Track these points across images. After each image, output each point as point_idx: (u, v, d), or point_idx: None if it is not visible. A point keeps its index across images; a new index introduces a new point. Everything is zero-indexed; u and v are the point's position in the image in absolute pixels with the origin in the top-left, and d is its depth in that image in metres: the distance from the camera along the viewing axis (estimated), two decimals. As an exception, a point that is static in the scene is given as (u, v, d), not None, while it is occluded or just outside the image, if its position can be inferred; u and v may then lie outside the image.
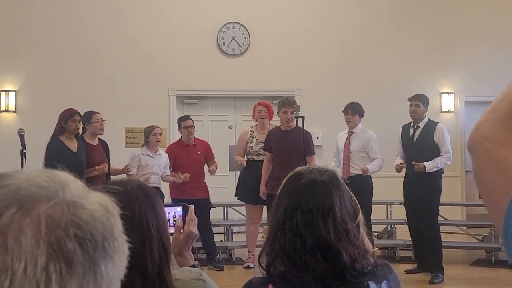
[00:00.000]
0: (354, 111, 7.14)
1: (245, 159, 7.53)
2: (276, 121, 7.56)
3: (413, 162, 6.72)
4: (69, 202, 0.68)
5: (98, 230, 0.67)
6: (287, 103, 7.01)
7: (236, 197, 7.76)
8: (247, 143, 7.50)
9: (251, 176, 7.29)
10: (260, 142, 7.38)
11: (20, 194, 0.66)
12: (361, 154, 7.07)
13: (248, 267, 7.32)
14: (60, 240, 0.64)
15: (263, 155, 7.30)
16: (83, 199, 0.69)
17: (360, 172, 6.89)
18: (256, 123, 7.61)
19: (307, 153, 6.91)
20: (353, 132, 7.16)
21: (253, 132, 7.55)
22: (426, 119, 6.98)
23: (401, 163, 6.99)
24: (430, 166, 6.72)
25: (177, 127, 7.94)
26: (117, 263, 0.70)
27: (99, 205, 0.70)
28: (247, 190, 7.40)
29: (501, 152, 0.79)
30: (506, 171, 0.78)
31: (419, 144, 6.89)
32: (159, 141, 7.35)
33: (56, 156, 6.20)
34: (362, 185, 6.54)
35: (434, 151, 6.82)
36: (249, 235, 7.48)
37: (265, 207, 7.20)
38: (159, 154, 7.34)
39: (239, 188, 7.65)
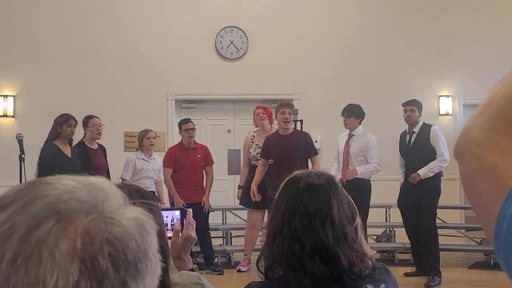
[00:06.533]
0: (348, 113, 7.14)
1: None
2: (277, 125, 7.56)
3: (409, 179, 6.80)
4: (107, 218, 0.66)
5: (132, 250, 0.66)
6: (285, 104, 7.06)
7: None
8: (249, 149, 7.51)
9: (251, 181, 7.28)
10: (259, 147, 7.36)
11: (59, 207, 0.65)
12: (360, 158, 7.06)
13: (239, 270, 7.32)
14: (94, 257, 0.63)
15: None
16: (120, 215, 0.67)
17: (359, 177, 6.89)
18: (257, 128, 7.61)
19: (310, 154, 6.91)
20: (353, 134, 7.15)
21: (254, 137, 7.55)
22: (420, 123, 7.00)
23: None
24: (424, 172, 6.75)
25: (177, 131, 7.96)
26: (148, 284, 0.68)
27: (136, 222, 0.68)
28: (247, 195, 7.39)
29: (490, 158, 0.78)
30: (496, 177, 0.77)
31: (415, 149, 6.90)
32: (153, 145, 7.38)
33: (51, 161, 6.19)
34: (360, 189, 6.55)
35: (431, 155, 6.83)
36: (246, 239, 7.48)
37: (266, 212, 7.21)
38: (154, 158, 7.38)
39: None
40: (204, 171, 7.57)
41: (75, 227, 0.64)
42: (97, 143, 6.97)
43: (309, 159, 6.93)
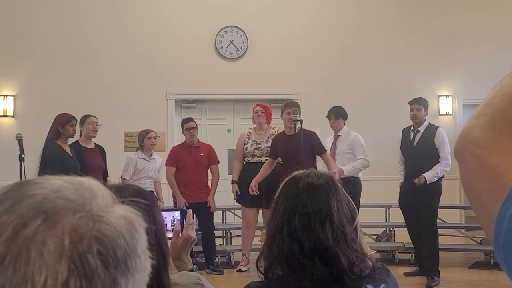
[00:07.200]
0: (336, 115, 7.25)
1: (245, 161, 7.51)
2: (278, 124, 7.54)
3: (414, 180, 6.74)
4: (95, 216, 0.66)
5: (121, 247, 0.66)
6: (290, 104, 7.05)
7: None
8: (244, 145, 7.47)
9: (246, 179, 7.18)
10: (256, 143, 7.35)
11: (46, 206, 0.65)
12: (349, 155, 7.16)
13: (240, 270, 7.32)
14: (83, 256, 0.63)
15: (258, 157, 7.28)
16: (108, 213, 0.68)
17: (347, 175, 6.91)
18: (255, 125, 7.59)
19: (318, 152, 6.88)
20: (339, 135, 7.26)
21: (250, 133, 7.52)
22: (426, 123, 6.99)
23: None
24: (430, 177, 6.73)
25: (177, 131, 7.97)
26: (138, 280, 0.68)
27: (124, 220, 0.68)
28: (241, 193, 7.36)
29: (491, 158, 0.79)
30: (496, 177, 0.77)
31: (419, 148, 6.89)
32: (154, 144, 7.38)
33: (57, 161, 6.18)
34: (349, 188, 6.52)
35: (434, 156, 6.82)
36: (243, 239, 7.47)
37: (260, 211, 7.22)
38: (154, 158, 7.39)
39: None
40: (209, 170, 7.57)
41: (62, 226, 0.64)
42: (96, 143, 6.95)
43: (320, 158, 6.90)
